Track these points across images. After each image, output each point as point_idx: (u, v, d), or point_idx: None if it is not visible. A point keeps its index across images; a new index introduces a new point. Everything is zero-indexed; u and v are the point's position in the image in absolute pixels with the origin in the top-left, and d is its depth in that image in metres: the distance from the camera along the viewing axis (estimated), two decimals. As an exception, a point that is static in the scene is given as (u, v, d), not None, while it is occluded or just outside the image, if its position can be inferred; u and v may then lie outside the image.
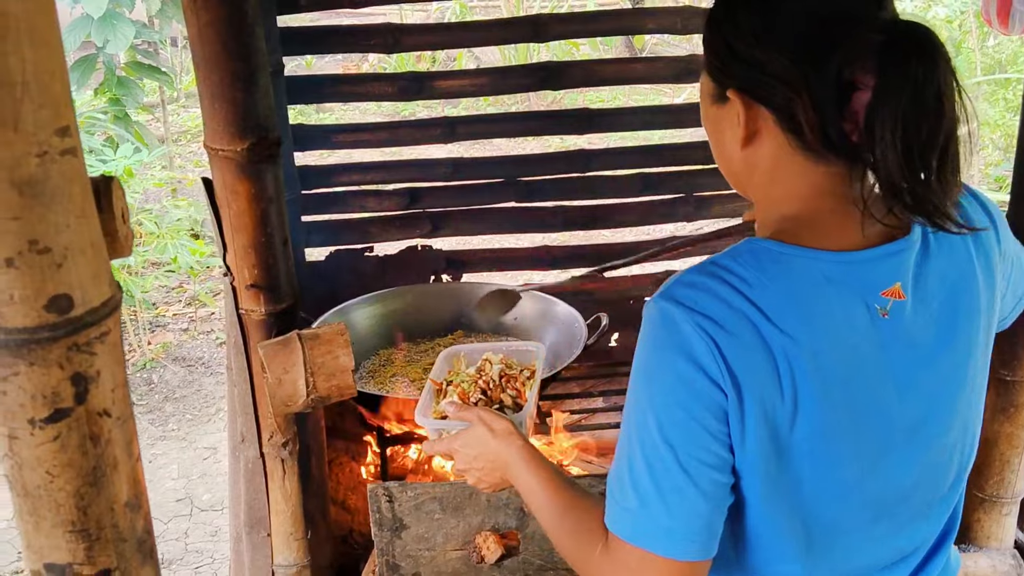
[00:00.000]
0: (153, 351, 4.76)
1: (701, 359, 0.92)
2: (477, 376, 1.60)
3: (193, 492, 3.74)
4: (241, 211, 1.54)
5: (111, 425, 0.73)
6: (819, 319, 0.95)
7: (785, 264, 0.96)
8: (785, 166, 0.99)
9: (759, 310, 0.93)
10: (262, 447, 1.74)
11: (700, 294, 0.94)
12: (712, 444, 0.95)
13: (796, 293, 0.95)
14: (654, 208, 2.79)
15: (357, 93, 2.63)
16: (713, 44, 1.02)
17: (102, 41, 4.91)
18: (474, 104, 7.85)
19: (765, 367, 0.93)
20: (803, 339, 0.93)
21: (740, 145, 1.01)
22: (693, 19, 2.58)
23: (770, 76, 0.95)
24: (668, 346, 0.94)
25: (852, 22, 0.92)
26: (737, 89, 0.99)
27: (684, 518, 0.96)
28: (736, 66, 0.98)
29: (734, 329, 0.92)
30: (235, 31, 1.44)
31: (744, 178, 1.06)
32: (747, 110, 0.99)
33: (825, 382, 0.95)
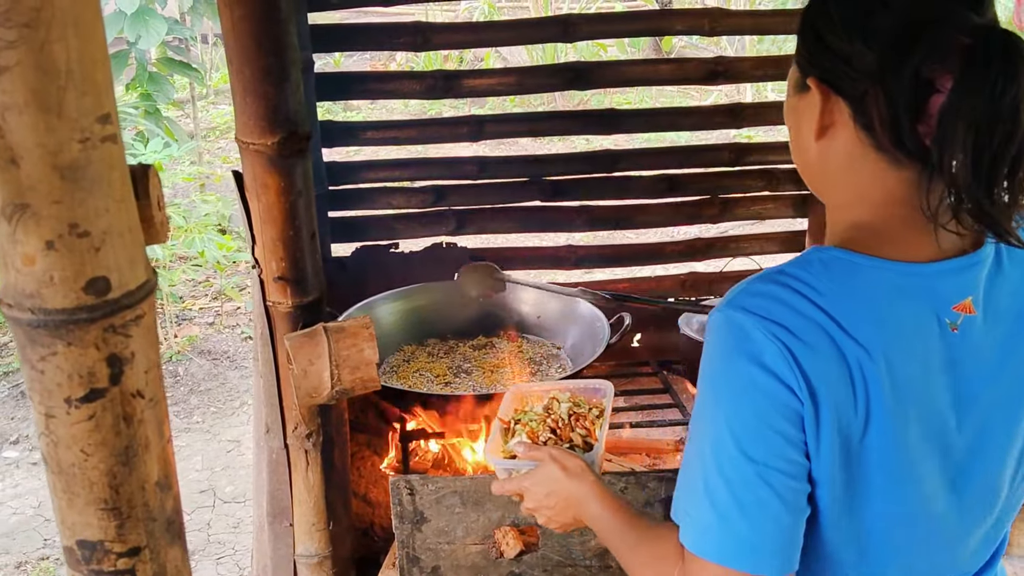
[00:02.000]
0: (179, 344, 4.82)
1: (774, 365, 0.91)
2: (546, 415, 1.58)
3: (216, 484, 3.78)
4: (270, 204, 1.56)
5: (144, 406, 0.75)
6: (892, 330, 0.93)
7: (856, 274, 0.94)
8: (858, 165, 0.97)
9: (832, 319, 0.92)
10: (286, 438, 1.76)
11: (770, 302, 0.92)
12: (790, 451, 0.93)
13: (869, 303, 0.93)
14: (679, 209, 2.79)
15: (385, 91, 2.65)
16: (804, 34, 1.01)
17: (134, 37, 4.97)
18: (500, 104, 7.87)
19: (840, 376, 0.92)
20: (877, 350, 0.92)
21: (815, 136, 0.99)
22: (721, 20, 2.58)
23: (853, 68, 0.94)
24: (739, 354, 0.92)
25: (942, 23, 0.89)
26: (818, 78, 0.98)
27: (767, 531, 0.93)
28: (822, 55, 0.97)
29: (807, 337, 0.91)
30: (268, 26, 1.46)
31: (818, 174, 1.03)
32: (824, 100, 0.98)
33: (897, 395, 0.93)
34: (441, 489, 1.80)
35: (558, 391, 1.66)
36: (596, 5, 8.71)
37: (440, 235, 2.71)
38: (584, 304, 2.45)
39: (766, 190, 2.74)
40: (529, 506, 1.34)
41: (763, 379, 0.91)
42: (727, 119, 2.72)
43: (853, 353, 0.91)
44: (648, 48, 9.38)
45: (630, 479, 1.82)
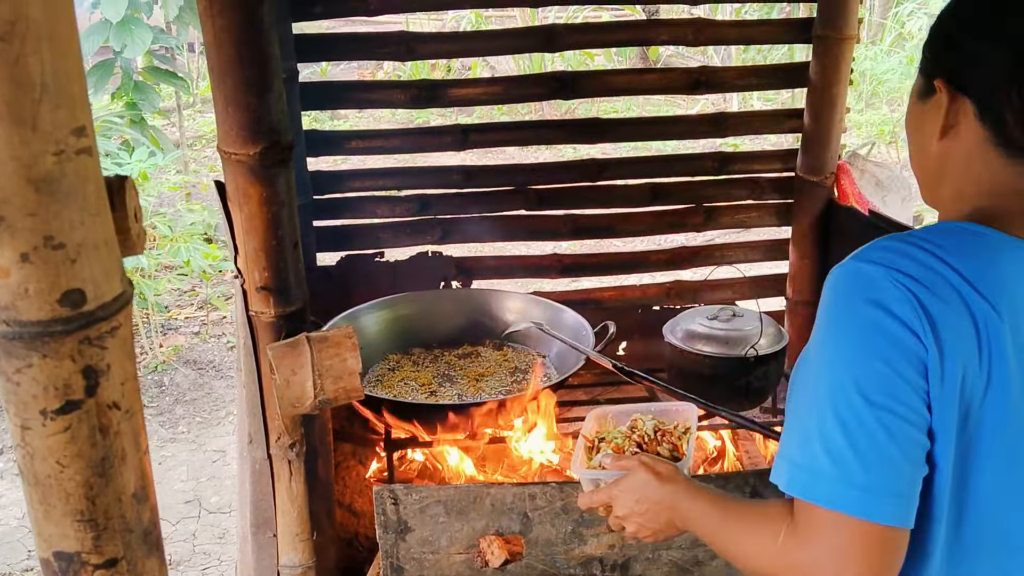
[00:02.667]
0: (164, 354, 4.80)
1: (900, 311, 0.91)
2: (630, 432, 1.57)
3: (202, 494, 3.77)
4: (253, 214, 1.56)
5: (120, 418, 0.75)
6: (1019, 295, 0.94)
7: (986, 241, 0.97)
8: (978, 161, 1.01)
9: (961, 275, 0.92)
10: (269, 448, 1.75)
11: (896, 256, 0.94)
12: (912, 399, 0.91)
13: (998, 267, 0.94)
14: (664, 218, 2.80)
15: (370, 100, 2.65)
16: (933, 38, 1.06)
17: (120, 46, 4.96)
18: (488, 113, 7.89)
19: (967, 330, 0.92)
20: (1005, 312, 0.92)
21: (938, 135, 1.03)
22: (705, 30, 2.60)
23: (983, 68, 0.98)
24: (863, 300, 0.93)
25: None
26: (945, 79, 1.02)
27: (883, 476, 0.91)
28: (951, 56, 1.02)
29: (936, 289, 0.92)
30: (250, 37, 1.47)
31: (936, 172, 1.06)
32: (951, 100, 1.02)
33: (1019, 361, 0.93)
34: (425, 499, 1.80)
35: (640, 413, 1.63)
36: (583, 15, 8.72)
37: (426, 244, 2.71)
38: (569, 313, 2.46)
39: (750, 199, 2.76)
40: (619, 514, 1.29)
41: (888, 323, 0.91)
42: (711, 128, 2.74)
43: (981, 310, 0.92)
44: (635, 58, 9.41)
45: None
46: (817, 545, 0.93)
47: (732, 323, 2.29)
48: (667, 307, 2.83)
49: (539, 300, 2.56)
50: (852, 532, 0.91)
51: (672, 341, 2.32)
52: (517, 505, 1.81)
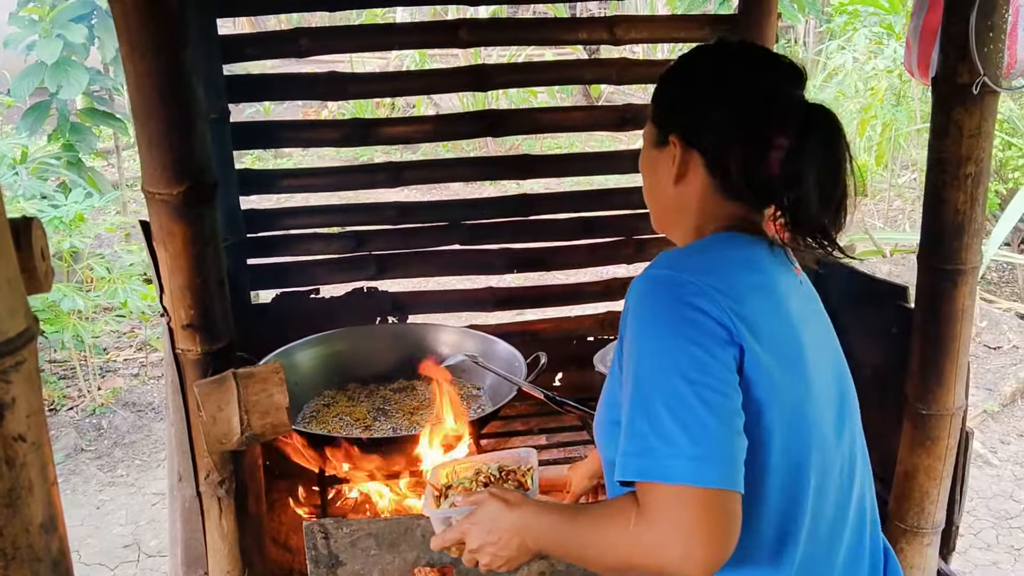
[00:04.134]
0: (103, 396, 4.73)
1: (704, 304, 1.08)
2: (476, 475, 1.60)
3: (141, 538, 3.71)
4: (177, 253, 1.58)
5: (26, 449, 0.77)
6: (763, 287, 1.17)
7: (736, 240, 1.21)
8: (708, 202, 1.23)
9: (729, 270, 1.15)
10: (199, 486, 1.76)
11: (688, 264, 1.14)
12: (723, 372, 1.05)
13: (751, 257, 1.19)
14: (595, 250, 2.87)
15: (304, 139, 2.69)
16: (665, 96, 1.27)
17: (55, 87, 4.93)
18: (433, 150, 7.96)
19: (742, 312, 1.11)
20: (763, 294, 1.15)
21: (673, 181, 1.24)
22: (628, 70, 2.69)
23: (710, 127, 1.20)
24: (674, 299, 1.09)
25: (780, 96, 1.18)
26: (678, 136, 1.22)
27: (709, 445, 1.01)
28: (682, 114, 1.22)
29: (719, 282, 1.11)
30: (171, 81, 1.50)
31: (673, 210, 1.27)
32: (683, 152, 1.22)
33: (781, 329, 1.16)
34: (356, 532, 1.81)
35: (482, 462, 1.66)
36: (525, 53, 8.87)
37: (361, 280, 2.74)
38: (502, 345, 2.50)
39: (677, 231, 2.84)
40: (473, 547, 1.29)
41: (702, 320, 1.07)
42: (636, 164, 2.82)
43: (745, 296, 1.12)
44: (578, 95, 9.59)
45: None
46: (662, 521, 1.01)
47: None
48: (601, 337, 2.88)
49: (473, 333, 2.60)
50: (691, 500, 1.00)
51: (602, 370, 2.38)
52: (448, 535, 1.83)
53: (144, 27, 1.48)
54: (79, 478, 4.12)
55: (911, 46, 2.72)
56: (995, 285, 5.89)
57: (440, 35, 2.66)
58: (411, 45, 3.03)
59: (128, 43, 1.49)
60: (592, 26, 2.66)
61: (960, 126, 1.82)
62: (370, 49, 2.76)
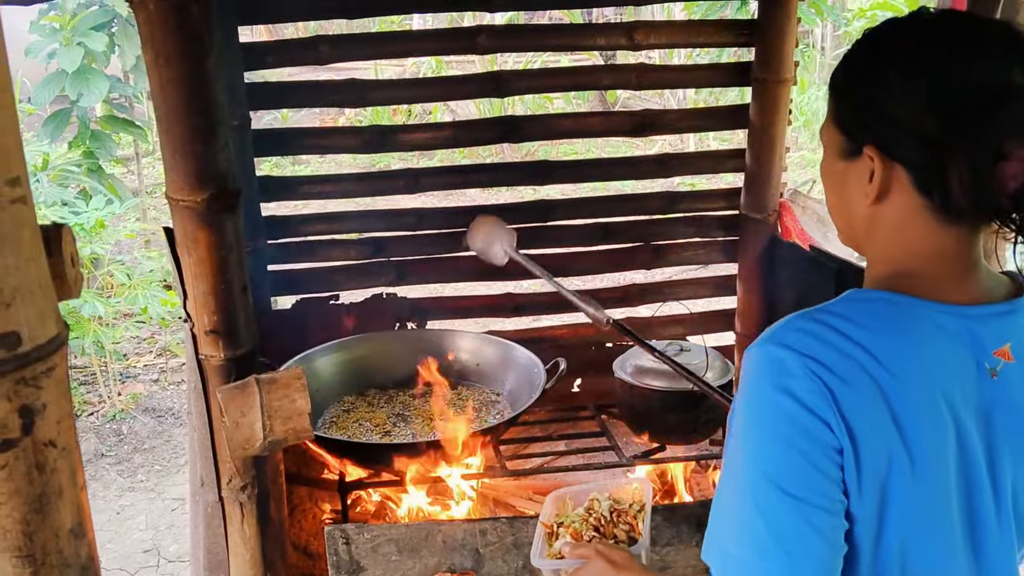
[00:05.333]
0: (123, 402, 4.76)
1: (811, 400, 0.91)
2: (587, 515, 1.62)
3: (160, 543, 3.73)
4: (201, 259, 1.59)
5: (56, 455, 0.78)
6: (934, 366, 0.95)
7: (898, 311, 0.96)
8: (912, 226, 0.99)
9: (871, 355, 0.92)
10: (221, 491, 1.77)
11: (808, 339, 0.94)
12: (828, 487, 0.92)
13: (910, 339, 0.95)
14: (613, 256, 2.86)
15: (322, 146, 2.70)
16: (851, 96, 1.01)
17: (76, 95, 4.98)
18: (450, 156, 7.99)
19: (878, 413, 0.92)
20: (917, 385, 0.93)
21: (870, 201, 1.00)
22: (647, 75, 2.69)
23: (915, 136, 0.94)
24: (776, 388, 0.93)
25: (1003, 91, 0.91)
26: (875, 145, 0.97)
27: (806, 566, 0.92)
28: (877, 122, 0.97)
29: (847, 375, 0.92)
30: (196, 87, 1.51)
31: (863, 234, 1.05)
32: (884, 168, 0.97)
33: (938, 433, 0.94)
34: (377, 537, 1.82)
35: (597, 492, 1.69)
36: (542, 59, 8.88)
37: (380, 286, 2.74)
38: (521, 350, 2.50)
39: (697, 236, 2.83)
40: None
41: (799, 413, 0.92)
42: (655, 169, 2.82)
43: (893, 390, 0.92)
44: (594, 100, 9.59)
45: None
46: None
47: (680, 358, 2.34)
48: (619, 343, 2.88)
49: (492, 339, 2.60)
50: None
51: (622, 376, 2.37)
52: (468, 541, 1.84)
53: (168, 34, 1.49)
54: (99, 483, 4.15)
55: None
56: None
57: (459, 41, 2.66)
58: (430, 52, 3.04)
59: (152, 50, 1.50)
60: (611, 32, 2.66)
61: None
62: (389, 56, 2.77)
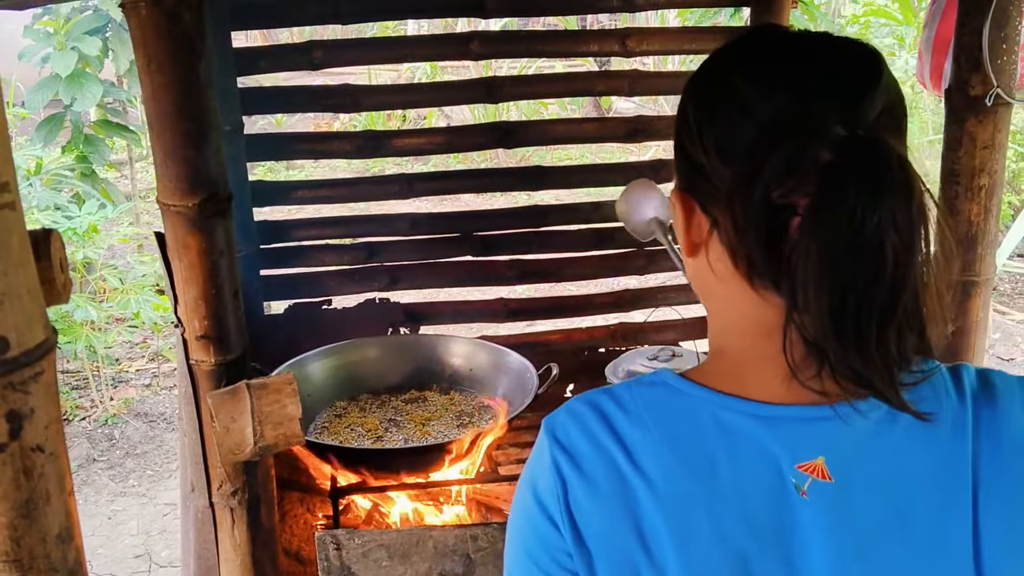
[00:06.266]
0: (115, 407, 4.75)
1: (545, 496, 0.81)
2: None
3: (152, 548, 3.72)
4: (192, 264, 1.59)
5: (44, 460, 0.78)
6: (699, 472, 0.78)
7: (676, 402, 0.81)
8: (726, 288, 0.81)
9: (626, 450, 0.79)
10: (211, 496, 1.76)
11: (572, 424, 0.82)
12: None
13: (677, 437, 0.79)
14: (607, 262, 2.87)
15: (317, 151, 2.70)
16: (676, 135, 0.86)
17: (69, 99, 4.97)
18: (444, 161, 7.99)
19: (621, 517, 0.78)
20: (670, 492, 0.78)
21: (686, 251, 0.85)
22: (640, 81, 2.69)
23: (712, 184, 0.78)
24: (527, 478, 0.85)
25: (797, 135, 0.72)
26: (681, 190, 0.83)
27: None
28: (684, 166, 0.83)
29: (592, 469, 0.80)
30: (188, 92, 1.51)
31: (697, 292, 0.89)
32: (689, 216, 0.83)
33: (698, 549, 0.77)
34: (368, 543, 1.81)
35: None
36: (536, 65, 8.90)
37: (373, 291, 2.75)
38: (514, 355, 2.50)
39: (689, 242, 2.84)
40: None
41: (532, 509, 0.82)
42: (649, 174, 2.81)
43: (642, 493, 0.78)
44: (588, 106, 9.61)
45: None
46: None
47: (672, 363, 2.35)
48: (612, 349, 2.88)
49: (485, 344, 2.60)
50: None
51: (613, 381, 2.38)
52: (459, 547, 1.83)
53: (160, 40, 1.49)
54: (91, 488, 4.14)
55: (923, 57, 2.72)
56: (1008, 297, 5.86)
57: (453, 47, 2.67)
58: (424, 57, 3.04)
59: (145, 55, 1.50)
60: (604, 38, 2.67)
61: (973, 138, 1.82)
62: (383, 61, 2.78)
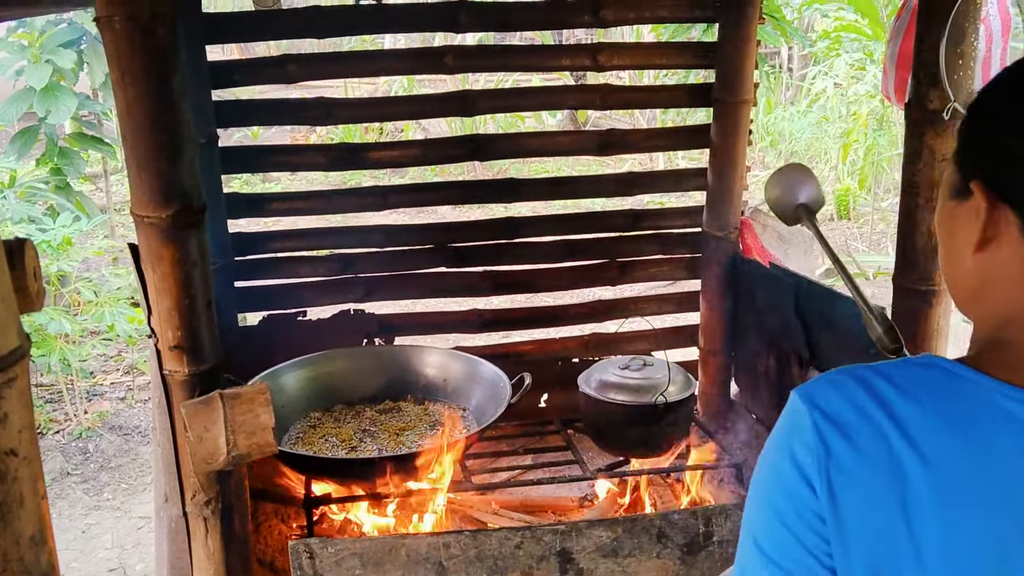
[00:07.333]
0: (89, 420, 4.72)
1: (801, 456, 0.81)
2: None
3: (127, 562, 3.69)
4: (165, 275, 1.61)
5: (18, 464, 0.79)
6: (980, 456, 0.77)
7: (955, 386, 0.81)
8: (1017, 284, 0.82)
9: (900, 426, 0.79)
10: (185, 506, 1.78)
11: (832, 392, 0.83)
12: (802, 555, 0.82)
13: (956, 418, 0.79)
14: (579, 273, 2.90)
15: (291, 163, 2.72)
16: (967, 130, 0.87)
17: (44, 112, 4.96)
18: (422, 174, 8.01)
19: (888, 494, 0.78)
20: (945, 471, 0.77)
21: (973, 248, 0.84)
22: (611, 95, 2.73)
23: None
24: (778, 441, 0.85)
25: None
26: (983, 182, 0.82)
27: None
28: (988, 155, 0.83)
29: (858, 437, 0.80)
30: (161, 106, 1.53)
31: (970, 289, 0.88)
32: (991, 208, 0.82)
33: (966, 534, 0.77)
34: (341, 551, 1.83)
35: None
36: (513, 79, 8.95)
37: (348, 302, 2.76)
38: (487, 366, 2.53)
39: (660, 254, 2.88)
40: None
41: (789, 473, 0.82)
42: (620, 187, 2.86)
43: (916, 474, 0.78)
44: (565, 119, 9.68)
45: (525, 533, 1.87)
46: None
47: (643, 372, 2.38)
48: (585, 359, 2.92)
49: (458, 354, 2.63)
50: None
51: (586, 391, 2.41)
52: (432, 555, 1.85)
53: (134, 53, 1.51)
54: (65, 502, 4.10)
55: (888, 72, 2.78)
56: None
57: (426, 61, 2.70)
58: (397, 71, 3.07)
59: (118, 69, 1.52)
60: (575, 53, 2.72)
61: (932, 150, 1.87)
62: (356, 75, 2.80)
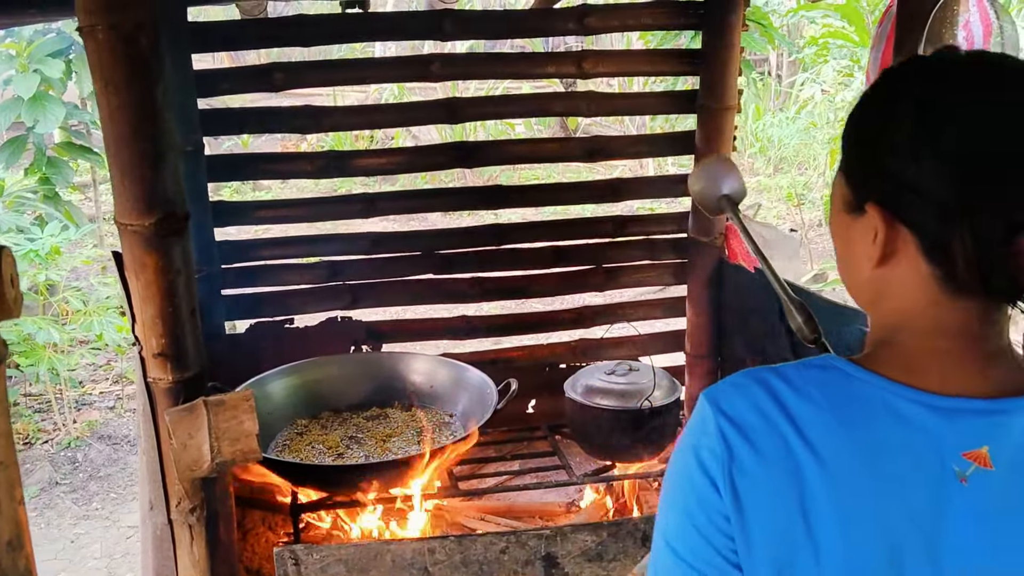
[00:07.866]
0: (78, 429, 4.71)
1: (708, 459, 0.85)
2: None
3: (115, 571, 3.69)
4: (149, 283, 1.61)
5: (-7, 470, 0.80)
6: (872, 454, 0.82)
7: (849, 387, 0.85)
8: (917, 295, 0.85)
9: (798, 428, 0.83)
10: (170, 513, 1.77)
11: (736, 395, 0.86)
12: (711, 556, 0.85)
13: (850, 418, 0.83)
14: (567, 279, 2.91)
15: (277, 171, 2.73)
16: (856, 146, 0.89)
17: (32, 121, 4.96)
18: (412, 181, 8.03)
19: (787, 492, 0.82)
20: (839, 470, 0.81)
21: (873, 264, 0.87)
22: (598, 102, 2.75)
23: (924, 201, 0.81)
24: (687, 442, 0.88)
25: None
26: (879, 204, 0.85)
27: None
28: (882, 180, 0.84)
29: (759, 440, 0.83)
30: (144, 114, 1.54)
31: (866, 299, 0.93)
32: (888, 229, 0.84)
33: (860, 528, 0.81)
34: (326, 558, 1.83)
35: None
36: (503, 86, 8.97)
37: (336, 309, 2.76)
38: (474, 372, 2.53)
39: (646, 259, 2.89)
40: None
41: (695, 473, 0.86)
42: (607, 194, 2.87)
43: (811, 472, 0.82)
44: (555, 126, 9.71)
45: (511, 538, 1.88)
46: None
47: (629, 377, 2.39)
48: (573, 364, 2.92)
49: (445, 361, 2.63)
50: None
51: (573, 396, 2.41)
52: (417, 560, 1.86)
53: (117, 62, 1.52)
54: (53, 512, 4.10)
55: (870, 78, 2.81)
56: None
57: (413, 69, 2.70)
58: (384, 79, 3.09)
59: (102, 78, 1.53)
60: (561, 60, 2.73)
61: (912, 155, 1.88)
62: (343, 83, 2.81)
